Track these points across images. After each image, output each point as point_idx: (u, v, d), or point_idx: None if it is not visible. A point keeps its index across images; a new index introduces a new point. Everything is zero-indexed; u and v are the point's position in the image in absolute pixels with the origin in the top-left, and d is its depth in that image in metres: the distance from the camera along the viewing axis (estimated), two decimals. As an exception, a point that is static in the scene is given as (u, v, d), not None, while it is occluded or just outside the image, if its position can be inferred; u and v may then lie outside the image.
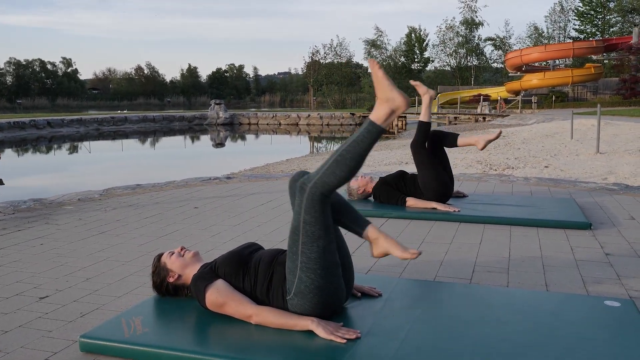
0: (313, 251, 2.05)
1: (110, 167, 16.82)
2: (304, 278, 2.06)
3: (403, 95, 1.97)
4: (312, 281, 2.05)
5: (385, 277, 2.78)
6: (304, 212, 2.05)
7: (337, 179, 2.00)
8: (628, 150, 9.99)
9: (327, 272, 2.07)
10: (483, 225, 4.04)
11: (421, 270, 3.02)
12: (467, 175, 6.68)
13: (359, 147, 1.98)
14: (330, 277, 2.08)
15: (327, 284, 2.07)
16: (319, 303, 2.08)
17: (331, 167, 2.00)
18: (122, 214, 4.69)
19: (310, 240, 2.05)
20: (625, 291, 2.66)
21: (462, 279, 2.85)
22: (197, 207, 4.96)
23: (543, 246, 3.47)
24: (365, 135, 1.98)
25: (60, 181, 13.79)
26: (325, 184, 2.02)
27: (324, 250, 2.06)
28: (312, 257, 2.05)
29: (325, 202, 2.06)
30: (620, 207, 4.64)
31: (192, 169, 15.50)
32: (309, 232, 2.04)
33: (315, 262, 2.05)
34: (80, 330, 2.27)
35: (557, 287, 2.71)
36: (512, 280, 2.84)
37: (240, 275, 2.23)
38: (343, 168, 1.98)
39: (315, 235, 2.04)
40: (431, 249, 3.43)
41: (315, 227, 2.04)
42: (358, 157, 1.98)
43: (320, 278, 2.06)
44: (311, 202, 2.04)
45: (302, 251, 2.06)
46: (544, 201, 4.68)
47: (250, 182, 6.50)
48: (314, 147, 24.49)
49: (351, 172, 2.00)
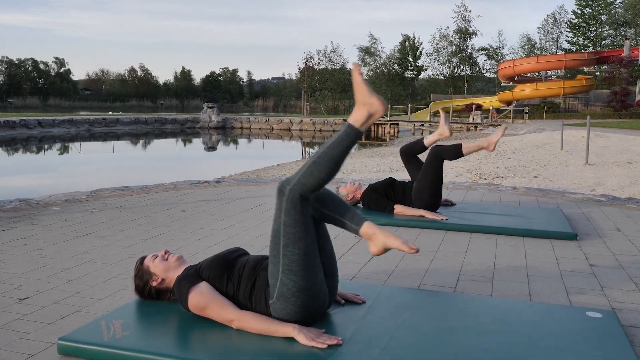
0: (294, 253, 2.05)
1: (99, 168, 16.74)
2: (286, 281, 2.06)
3: (380, 99, 2.03)
4: (294, 283, 2.05)
5: (370, 284, 2.78)
6: (284, 215, 2.05)
7: (316, 180, 2.02)
8: (616, 162, 10.06)
9: (309, 273, 2.07)
10: (470, 234, 4.04)
11: (406, 278, 3.02)
12: (456, 184, 6.70)
13: (337, 149, 2.01)
14: (312, 278, 2.08)
15: (310, 286, 2.07)
16: (302, 306, 2.08)
17: (310, 168, 2.02)
18: (109, 216, 4.65)
19: (292, 243, 2.05)
20: (608, 302, 2.67)
21: (446, 288, 2.85)
22: (184, 210, 4.93)
23: (528, 256, 3.48)
24: (343, 137, 2.02)
25: (49, 181, 13.70)
26: (304, 186, 2.03)
27: (306, 252, 2.06)
28: (293, 259, 2.05)
29: (304, 204, 2.07)
30: (607, 219, 4.66)
31: (182, 172, 15.45)
32: (289, 234, 2.05)
33: (297, 264, 2.05)
34: (59, 333, 2.25)
35: (541, 297, 2.72)
36: (496, 289, 2.84)
37: (224, 279, 2.22)
38: (321, 169, 2.01)
39: (296, 237, 2.05)
40: (417, 257, 3.43)
41: (296, 229, 2.05)
42: (336, 158, 2.01)
43: (303, 280, 2.06)
44: (291, 204, 2.04)
45: (284, 254, 2.06)
46: (532, 211, 4.69)
47: (239, 186, 6.49)
48: (306, 152, 24.48)
49: (329, 173, 2.02)
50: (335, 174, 2.06)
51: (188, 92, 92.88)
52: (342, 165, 2.05)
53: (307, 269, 2.06)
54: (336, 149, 2.02)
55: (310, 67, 53.14)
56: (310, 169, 2.02)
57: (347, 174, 11.44)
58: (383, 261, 3.32)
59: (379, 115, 2.04)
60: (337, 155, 2.02)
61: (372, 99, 2.02)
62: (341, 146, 2.02)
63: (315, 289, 2.10)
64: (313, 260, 2.09)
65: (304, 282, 2.06)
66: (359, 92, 2.05)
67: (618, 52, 36.20)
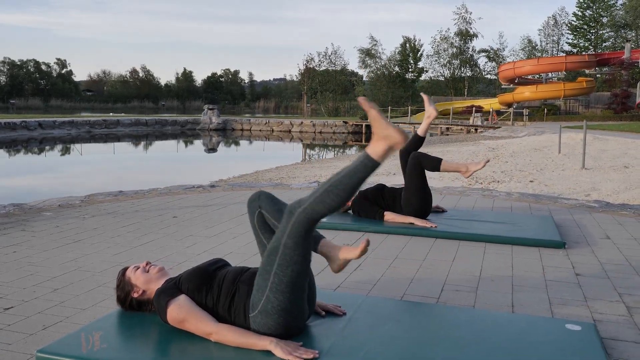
0: (287, 275, 2.06)
1: (99, 170, 16.76)
2: (272, 298, 2.08)
3: (400, 131, 1.97)
4: (279, 303, 2.07)
5: (353, 294, 2.79)
6: (287, 237, 2.06)
7: (327, 208, 2.01)
8: (613, 167, 10.06)
9: (294, 296, 2.09)
10: (458, 242, 4.05)
11: (391, 287, 3.03)
12: (450, 189, 6.70)
13: (353, 179, 1.98)
14: (297, 300, 2.11)
15: (293, 306, 2.10)
16: (282, 324, 2.10)
17: (323, 195, 2.00)
18: (100, 222, 4.67)
19: (286, 264, 2.06)
20: (590, 314, 2.67)
21: (429, 298, 2.86)
22: (176, 216, 4.95)
23: (515, 265, 3.48)
24: (360, 168, 1.98)
25: (48, 183, 13.73)
26: (314, 212, 2.02)
27: (297, 275, 2.08)
28: (284, 280, 2.06)
29: (309, 229, 2.07)
30: (597, 226, 4.66)
31: (181, 174, 15.48)
32: (287, 255, 2.06)
33: (287, 285, 2.07)
34: (40, 344, 2.26)
35: (523, 309, 2.72)
36: (480, 300, 2.85)
37: (203, 292, 2.23)
38: (334, 198, 1.99)
39: (292, 260, 2.06)
40: (403, 266, 3.44)
41: (295, 253, 2.06)
42: (350, 188, 1.99)
43: (288, 301, 2.08)
44: (297, 228, 2.05)
45: (276, 272, 2.07)
46: (522, 218, 4.70)
47: (233, 190, 6.50)
48: (306, 154, 24.50)
49: (342, 202, 2.01)
50: (346, 203, 2.06)
51: (189, 94, 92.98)
52: (355, 194, 2.04)
53: (293, 291, 2.08)
54: (352, 179, 1.98)
55: (312, 69, 53.14)
56: (323, 196, 2.00)
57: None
58: (369, 270, 3.33)
59: (400, 147, 1.98)
60: (352, 185, 1.98)
61: (390, 130, 1.97)
62: (357, 177, 1.98)
63: (297, 309, 2.12)
64: (302, 283, 2.11)
65: (288, 302, 2.08)
66: (376, 125, 2.00)
67: (619, 54, 36.18)
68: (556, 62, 36.47)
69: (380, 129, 1.99)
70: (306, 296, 2.18)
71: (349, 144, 29.55)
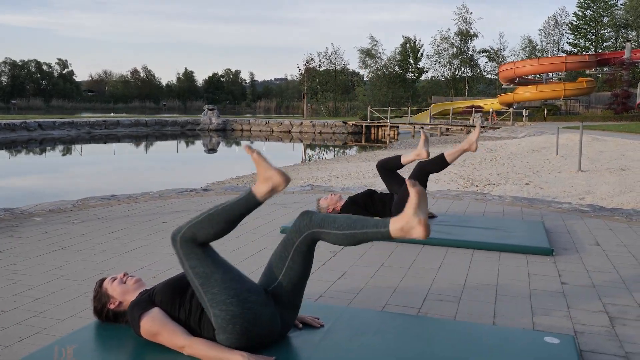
0: (214, 286, 2.09)
1: (96, 172, 16.74)
2: (217, 312, 2.08)
3: (281, 173, 2.09)
4: (225, 313, 2.07)
5: (334, 305, 2.77)
6: (186, 260, 2.13)
7: (205, 234, 2.11)
8: (610, 169, 10.03)
9: (237, 299, 2.08)
10: (446, 248, 4.03)
11: (373, 297, 3.00)
12: (442, 193, 6.68)
13: (234, 211, 2.11)
14: (243, 303, 2.09)
15: (243, 310, 2.08)
16: (242, 333, 2.08)
17: (203, 220, 2.11)
18: (89, 228, 4.66)
19: (206, 280, 2.10)
20: (571, 324, 2.65)
21: (411, 308, 2.84)
22: (165, 221, 4.93)
23: (501, 273, 3.46)
24: (242, 203, 2.12)
25: (44, 184, 13.72)
26: (193, 235, 2.12)
27: (223, 281, 2.10)
28: (215, 291, 2.09)
29: (200, 243, 2.13)
30: (588, 232, 4.64)
31: (179, 175, 15.47)
32: (200, 273, 2.11)
33: (221, 294, 2.08)
34: (14, 357, 2.24)
35: (504, 319, 2.70)
36: (462, 310, 2.82)
37: (176, 305, 2.21)
38: (214, 225, 2.10)
39: (207, 273, 2.10)
40: (388, 274, 3.42)
41: (204, 266, 2.11)
42: (230, 220, 2.11)
43: (233, 306, 2.07)
44: (188, 249, 2.12)
45: (205, 291, 2.10)
46: (513, 224, 4.68)
47: (225, 194, 6.48)
48: (305, 154, 24.49)
49: (220, 232, 2.12)
50: (227, 233, 2.13)
51: (191, 94, 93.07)
52: (235, 227, 2.13)
53: (234, 296, 2.08)
54: (232, 213, 2.11)
55: (313, 69, 53.14)
56: (203, 222, 2.10)
57: (341, 179, 11.44)
58: (354, 278, 3.32)
59: (283, 188, 2.10)
60: (232, 217, 2.11)
61: (271, 172, 2.09)
62: (238, 210, 2.11)
63: (250, 313, 2.09)
64: (238, 286, 2.11)
65: (235, 308, 2.07)
66: (259, 167, 2.13)
67: (619, 54, 36.11)
68: (556, 62, 36.41)
69: (263, 171, 2.11)
70: (262, 299, 2.14)
71: (348, 144, 29.55)
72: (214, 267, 2.12)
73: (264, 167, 2.12)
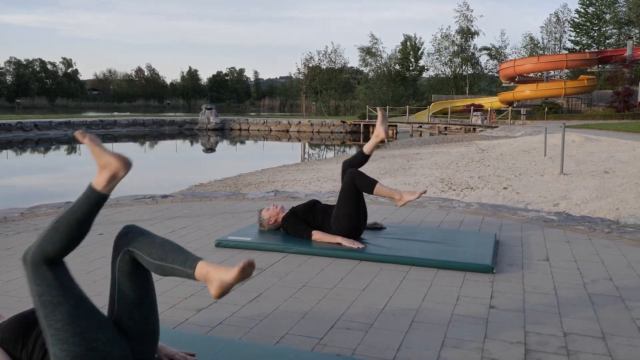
0: (58, 320, 1.84)
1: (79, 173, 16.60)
2: (58, 352, 1.85)
3: (118, 157, 1.87)
4: (66, 353, 1.84)
5: (222, 337, 2.55)
6: (35, 284, 1.87)
7: (57, 248, 1.86)
8: (593, 172, 9.74)
9: (81, 338, 1.85)
10: (382, 265, 3.79)
11: (275, 325, 2.77)
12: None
13: (77, 215, 1.87)
14: (88, 343, 1.85)
15: (87, 351, 1.85)
16: None
17: (49, 234, 1.87)
18: (19, 241, 4.45)
19: (51, 311, 1.85)
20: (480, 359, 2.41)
21: (311, 339, 2.61)
22: (102, 233, 4.72)
23: (429, 294, 3.22)
24: (83, 202, 1.89)
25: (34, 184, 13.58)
26: (45, 252, 1.86)
27: (70, 315, 1.85)
28: (59, 327, 1.84)
29: (53, 266, 1.88)
30: (543, 245, 4.39)
31: (160, 177, 15.26)
32: (46, 302, 1.86)
33: (65, 331, 1.84)
34: None
35: (409, 353, 2.47)
36: (366, 341, 2.59)
37: (19, 344, 1.99)
38: (61, 236, 1.86)
39: (54, 303, 1.85)
40: (306, 297, 3.19)
41: (51, 295, 1.85)
42: (76, 224, 1.86)
43: (75, 346, 1.84)
44: (37, 272, 1.87)
45: (49, 324, 1.86)
46: (463, 236, 4.43)
47: (182, 202, 6.27)
48: (303, 154, 24.29)
49: (71, 240, 1.87)
50: (82, 238, 1.89)
51: (195, 92, 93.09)
52: (88, 229, 1.88)
53: (78, 334, 1.84)
54: (75, 215, 1.87)
55: (316, 67, 52.92)
56: (50, 236, 1.87)
57: (323, 181, 11.21)
58: (265, 302, 3.08)
59: (123, 173, 1.88)
60: (76, 220, 1.87)
61: (107, 158, 1.88)
62: (81, 211, 1.87)
63: (97, 353, 1.87)
64: (85, 324, 1.87)
65: (77, 348, 1.84)
66: (95, 155, 1.91)
67: (620, 51, 35.67)
68: (557, 60, 36.03)
69: (99, 159, 1.90)
70: (111, 336, 1.92)
71: (347, 143, 29.32)
72: (63, 298, 1.87)
73: (99, 153, 1.90)
